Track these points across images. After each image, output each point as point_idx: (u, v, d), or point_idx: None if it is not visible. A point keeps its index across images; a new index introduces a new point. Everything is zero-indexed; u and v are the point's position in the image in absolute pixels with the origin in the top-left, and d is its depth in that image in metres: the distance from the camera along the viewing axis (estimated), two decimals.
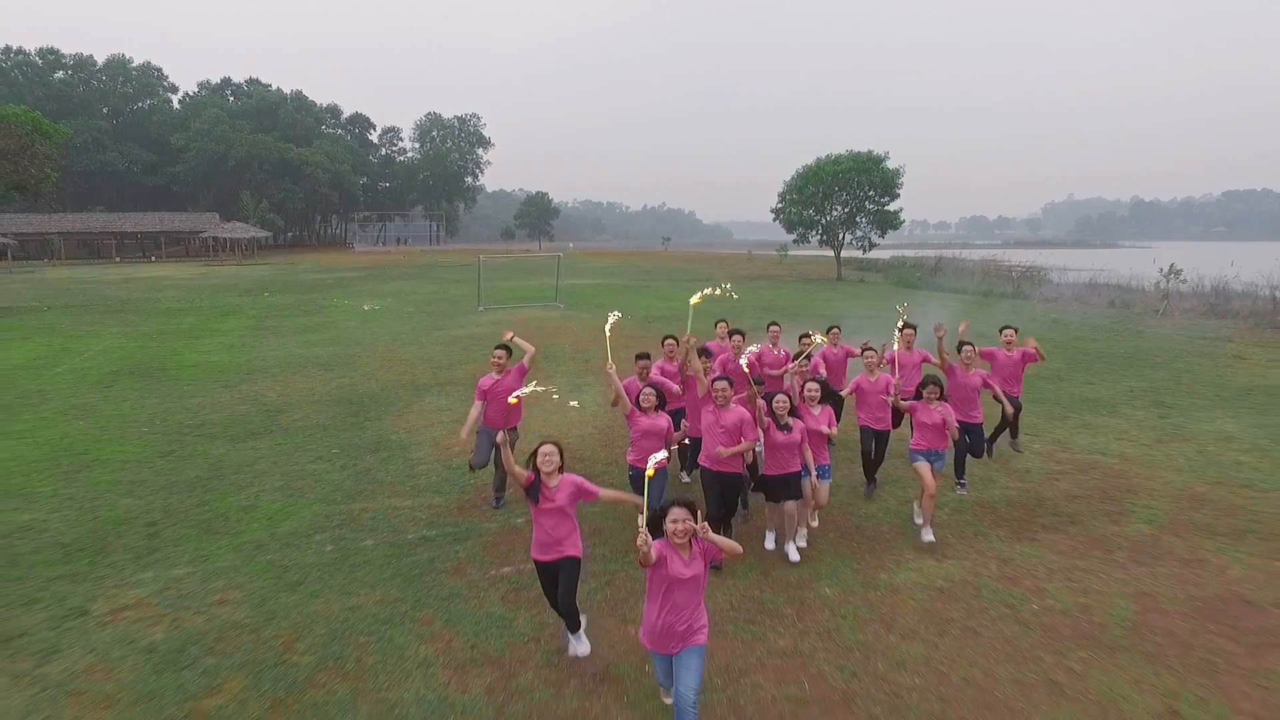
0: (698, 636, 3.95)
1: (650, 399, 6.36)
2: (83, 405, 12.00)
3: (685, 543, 3.90)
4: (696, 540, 3.90)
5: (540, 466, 4.66)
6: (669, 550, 3.88)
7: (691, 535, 3.88)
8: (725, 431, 6.01)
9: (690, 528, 3.87)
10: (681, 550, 3.90)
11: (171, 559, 6.38)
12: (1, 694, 4.52)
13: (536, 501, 4.67)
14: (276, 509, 7.47)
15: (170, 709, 4.37)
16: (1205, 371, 14.61)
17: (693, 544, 3.92)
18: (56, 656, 4.92)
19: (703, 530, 3.85)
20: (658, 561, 3.84)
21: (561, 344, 17.66)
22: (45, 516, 7.33)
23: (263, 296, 31.33)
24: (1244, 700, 4.31)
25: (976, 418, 7.76)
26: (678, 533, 3.86)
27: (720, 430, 6.03)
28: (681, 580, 3.86)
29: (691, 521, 3.88)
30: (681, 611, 3.90)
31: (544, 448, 4.71)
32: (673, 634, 3.91)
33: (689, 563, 3.90)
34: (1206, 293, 29.74)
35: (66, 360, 16.13)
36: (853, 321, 21.56)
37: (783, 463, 6.22)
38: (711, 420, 6.11)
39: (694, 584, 3.92)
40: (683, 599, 3.89)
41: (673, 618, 3.90)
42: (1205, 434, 9.91)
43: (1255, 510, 7.12)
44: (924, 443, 6.65)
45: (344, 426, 10.57)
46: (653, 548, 3.79)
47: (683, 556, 3.89)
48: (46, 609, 5.54)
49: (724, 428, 6.01)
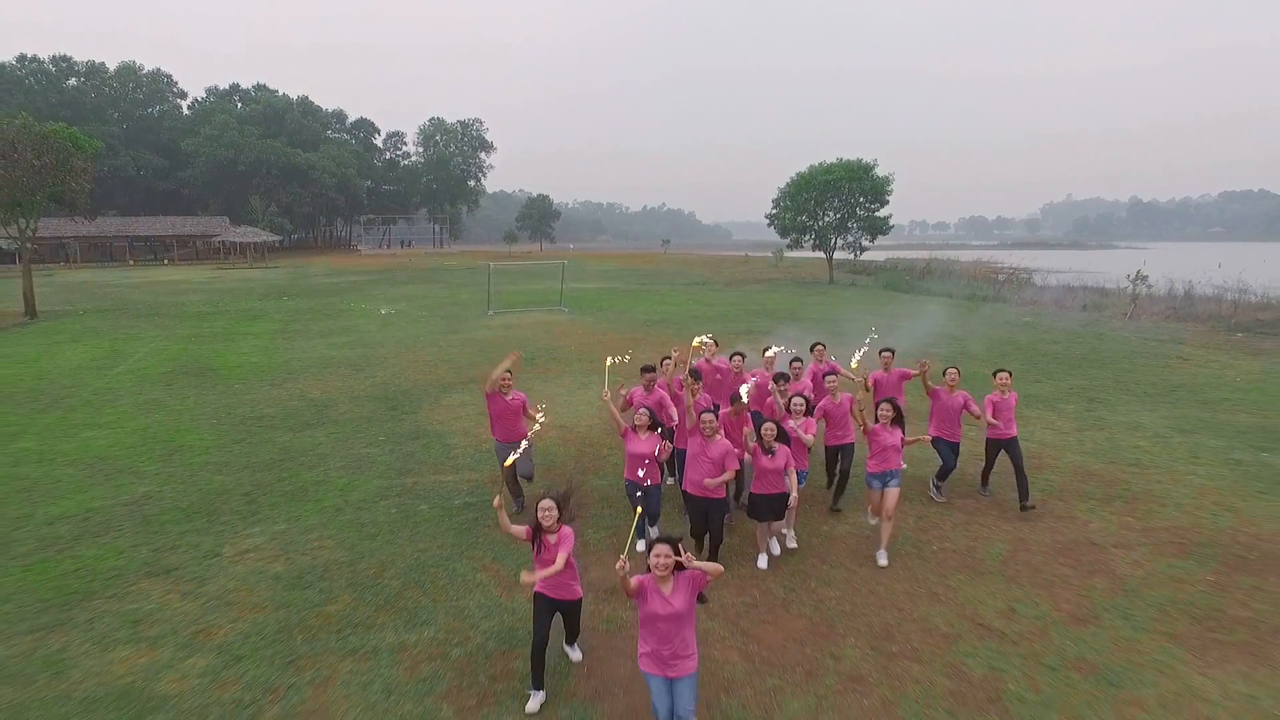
0: (688, 664, 4.22)
1: (644, 419, 6.77)
2: (151, 401, 13.74)
3: (667, 576, 4.15)
4: (681, 573, 4.17)
5: (540, 521, 4.84)
6: (650, 586, 4.17)
7: (674, 568, 4.16)
8: (711, 462, 6.32)
9: (671, 563, 4.14)
10: (663, 584, 4.17)
11: (271, 519, 8.13)
12: (180, 603, 6.28)
13: (538, 553, 4.91)
14: (344, 483, 9.21)
15: (304, 612, 6.12)
16: (1145, 371, 16.33)
17: (676, 577, 4.17)
18: (208, 582, 6.67)
19: (687, 560, 4.13)
20: (641, 595, 4.16)
21: (567, 346, 19.37)
22: (158, 488, 9.08)
23: (282, 300, 33.06)
24: (1065, 604, 6.06)
25: (957, 436, 8.31)
26: (658, 567, 4.13)
27: (706, 460, 6.33)
28: (662, 615, 4.15)
29: (673, 557, 4.14)
30: (668, 641, 4.17)
31: (543, 503, 4.85)
32: (661, 659, 4.20)
33: (670, 598, 4.16)
34: (1171, 297, 31.42)
35: (121, 362, 17.86)
36: (838, 325, 23.28)
37: (769, 484, 6.60)
38: (698, 450, 6.41)
39: (675, 619, 4.15)
40: (667, 631, 4.16)
41: (660, 646, 4.19)
42: (1119, 424, 11.65)
43: (1130, 483, 8.87)
44: (881, 466, 7.03)
45: (385, 419, 12.31)
46: (634, 580, 4.11)
47: (663, 592, 4.16)
48: (187, 553, 7.29)
49: (710, 458, 6.32)
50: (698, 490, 6.44)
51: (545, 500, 4.83)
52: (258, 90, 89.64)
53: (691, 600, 4.21)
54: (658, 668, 4.21)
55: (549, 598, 4.95)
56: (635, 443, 6.74)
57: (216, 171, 75.30)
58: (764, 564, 6.82)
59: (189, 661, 5.42)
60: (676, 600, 4.15)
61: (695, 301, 31.64)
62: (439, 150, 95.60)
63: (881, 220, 43.82)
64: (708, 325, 23.65)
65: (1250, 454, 9.96)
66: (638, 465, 6.53)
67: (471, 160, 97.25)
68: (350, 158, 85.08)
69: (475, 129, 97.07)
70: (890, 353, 9.16)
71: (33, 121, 27.02)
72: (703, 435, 6.37)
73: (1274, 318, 25.74)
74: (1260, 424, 11.55)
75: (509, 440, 7.54)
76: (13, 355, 18.84)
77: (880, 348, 9.17)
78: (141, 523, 8.03)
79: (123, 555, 7.21)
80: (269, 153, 74.61)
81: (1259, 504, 8.13)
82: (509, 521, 4.91)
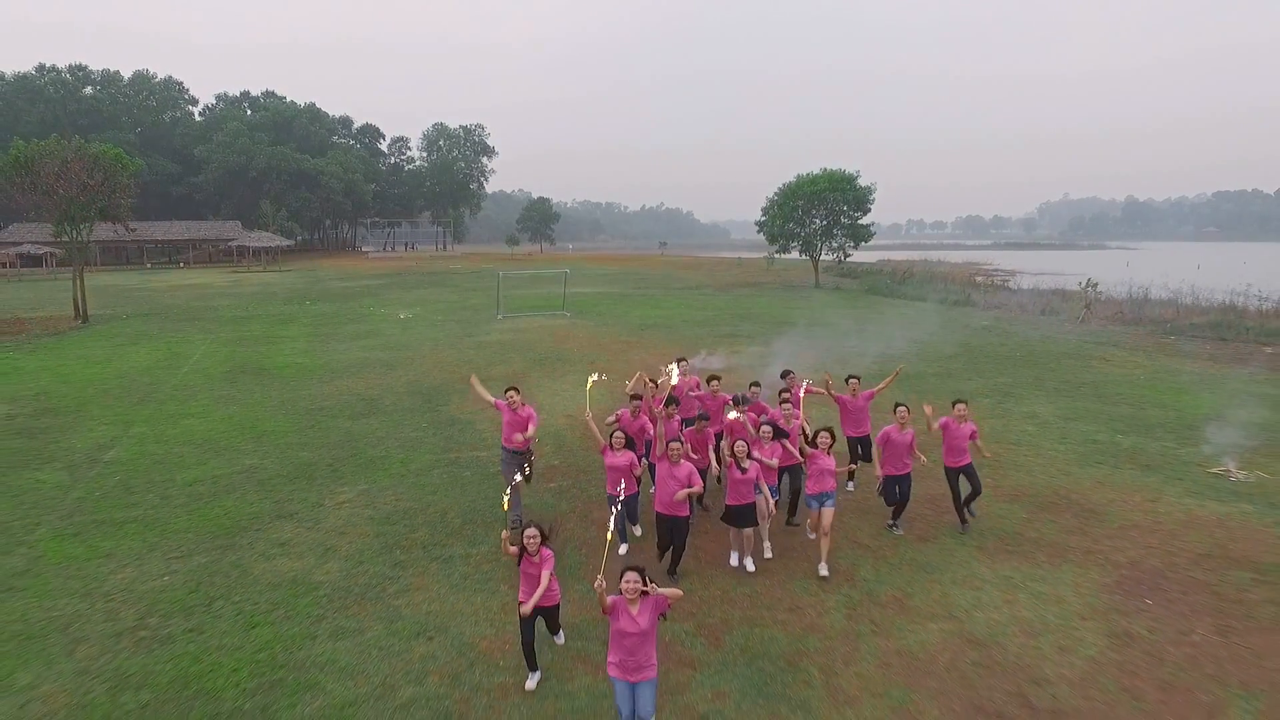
0: (649, 673, 5.05)
1: (619, 440, 7.95)
2: (225, 396, 16.45)
3: (635, 598, 4.96)
4: (647, 597, 4.97)
5: (526, 545, 5.80)
6: (621, 605, 4.97)
7: (641, 593, 4.95)
8: (677, 482, 7.30)
9: (639, 588, 4.93)
10: (631, 605, 4.97)
11: (353, 482, 10.86)
12: (307, 533, 9.01)
13: (524, 567, 5.91)
14: (403, 457, 11.95)
15: (397, 538, 8.83)
16: (1065, 371, 19.03)
17: (642, 600, 4.97)
18: (321, 522, 9.39)
19: (652, 589, 4.94)
20: (614, 613, 4.97)
21: (571, 349, 22.08)
22: (260, 461, 11.82)
23: (305, 305, 35.78)
24: (917, 531, 8.79)
25: (908, 468, 8.72)
26: (628, 591, 4.96)
27: (673, 481, 7.32)
28: (629, 632, 4.96)
29: (641, 584, 4.93)
30: (633, 654, 4.99)
31: (529, 530, 5.80)
32: (626, 668, 5.03)
33: (636, 618, 4.95)
34: (1124, 301, 34.15)
35: (183, 362, 20.55)
36: (812, 330, 25.99)
37: (742, 495, 7.56)
38: (665, 472, 7.38)
39: (640, 635, 4.97)
40: (632, 645, 4.98)
41: (626, 657, 5.01)
42: (1019, 414, 14.39)
43: (1001, 455, 11.55)
44: (818, 487, 7.85)
45: (424, 410, 15.04)
46: (609, 599, 4.94)
47: (631, 612, 4.96)
48: (300, 504, 10.01)
49: (676, 479, 7.32)
50: (666, 509, 7.38)
51: (530, 529, 5.80)
52: (266, 97, 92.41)
53: (654, 619, 5.03)
54: (623, 674, 5.06)
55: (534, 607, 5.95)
56: (612, 457, 7.85)
57: (228, 177, 78.05)
58: (735, 561, 7.98)
59: (327, 565, 8.16)
60: (642, 619, 4.98)
61: (687, 306, 34.38)
62: (442, 155, 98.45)
63: (864, 228, 46.59)
64: (696, 329, 26.39)
65: (1108, 436, 12.72)
66: (615, 478, 7.57)
67: (474, 164, 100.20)
68: (356, 163, 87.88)
69: (477, 134, 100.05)
70: (856, 379, 10.13)
71: (84, 143, 29.75)
72: (670, 460, 7.32)
73: (1206, 321, 28.38)
74: (1133, 414, 14.30)
75: (518, 447, 8.69)
76: (88, 356, 21.56)
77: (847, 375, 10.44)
78: (257, 485, 10.76)
79: (253, 505, 9.94)
80: (279, 159, 77.40)
81: (1088, 470, 10.89)
82: (509, 548, 5.90)
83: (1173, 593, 7.26)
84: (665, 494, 7.36)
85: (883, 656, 6.32)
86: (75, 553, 8.45)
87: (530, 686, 5.95)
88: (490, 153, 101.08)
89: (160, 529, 9.14)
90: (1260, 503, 9.48)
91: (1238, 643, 6.43)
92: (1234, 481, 10.31)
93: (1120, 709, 5.63)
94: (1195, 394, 15.90)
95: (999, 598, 7.24)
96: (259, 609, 7.20)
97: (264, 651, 6.48)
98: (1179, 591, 7.29)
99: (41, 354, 22.15)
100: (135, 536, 8.91)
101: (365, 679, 6.08)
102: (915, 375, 17.95)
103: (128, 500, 10.10)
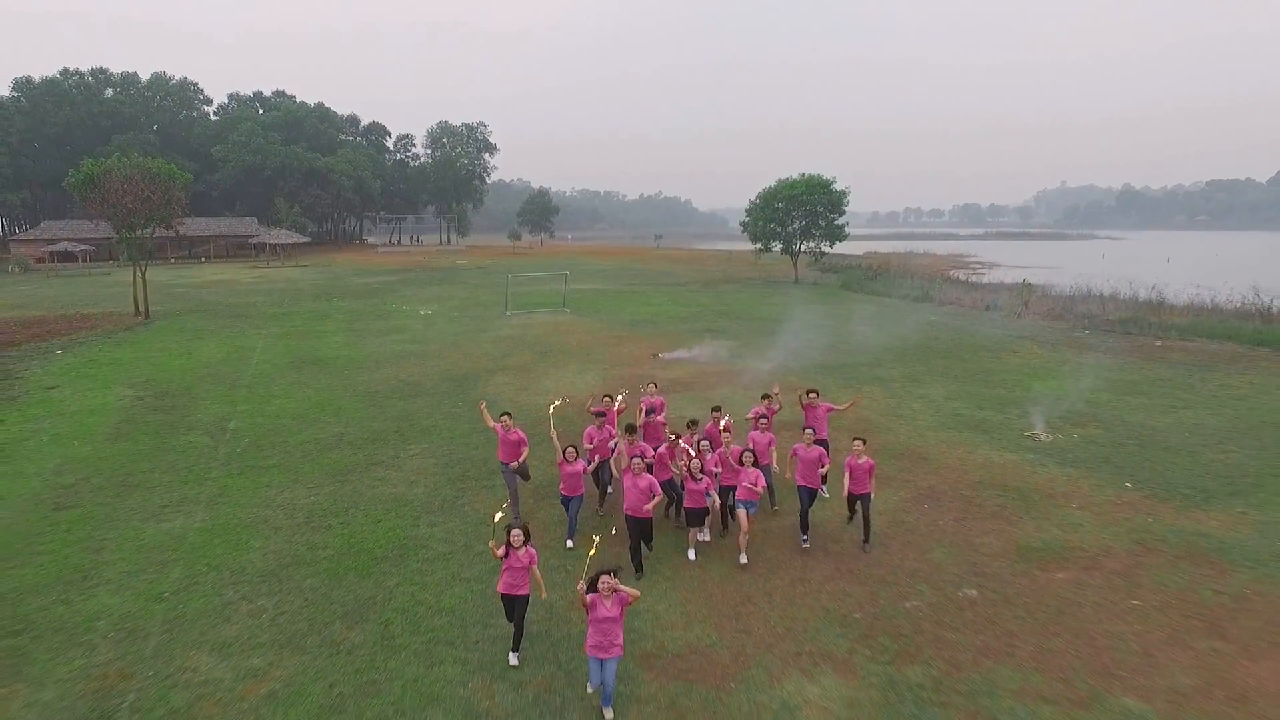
0: (616, 651, 6.60)
1: (573, 454, 9.96)
2: (297, 382, 20.77)
3: (609, 594, 6.57)
4: (617, 593, 6.61)
5: (511, 541, 7.38)
6: (598, 600, 6.56)
7: (614, 590, 6.54)
8: (640, 492, 9.07)
9: (612, 587, 6.55)
10: (605, 599, 6.56)
11: (418, 442, 15.15)
12: (394, 475, 13.39)
13: (509, 561, 7.43)
14: (449, 426, 16.27)
15: (456, 477, 13.16)
16: (975, 361, 23.30)
17: (614, 595, 6.58)
18: (402, 467, 13.72)
19: (620, 588, 6.62)
20: (591, 607, 6.55)
21: (571, 342, 26.38)
22: (345, 429, 16.16)
23: (333, 302, 40.04)
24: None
25: (816, 483, 10.38)
26: (604, 590, 6.55)
27: (637, 490, 9.09)
28: (604, 618, 6.56)
29: (614, 583, 6.57)
30: (607, 635, 6.57)
31: (514, 531, 7.43)
32: (600, 647, 6.58)
33: (610, 608, 6.57)
34: (1059, 297, 38.35)
35: (250, 355, 24.83)
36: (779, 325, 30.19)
37: (696, 501, 9.58)
38: (630, 483, 9.19)
39: (612, 621, 6.57)
40: (606, 629, 6.55)
41: (600, 639, 6.57)
42: (914, 395, 18.73)
43: (880, 424, 15.91)
44: (744, 495, 9.72)
45: (457, 392, 19.35)
46: (588, 597, 6.57)
47: (606, 604, 6.56)
48: (384, 457, 14.32)
49: (639, 489, 9.08)
50: (633, 512, 9.19)
51: (516, 531, 7.47)
52: (276, 96, 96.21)
53: (622, 610, 6.62)
54: (597, 652, 6.59)
55: (511, 595, 7.55)
56: (566, 467, 10.04)
57: (244, 175, 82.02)
58: (693, 556, 9.81)
59: (414, 490, 12.50)
60: (613, 610, 6.57)
61: (674, 303, 38.66)
62: (445, 152, 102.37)
63: (839, 228, 50.77)
64: (679, 325, 30.67)
65: (969, 410, 17.07)
66: (569, 482, 9.98)
67: (476, 161, 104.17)
68: (364, 160, 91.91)
69: (480, 132, 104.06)
70: (815, 393, 12.07)
71: (141, 159, 33.89)
72: (633, 473, 9.23)
73: (1123, 317, 32.49)
74: (1002, 395, 18.59)
75: (509, 461, 10.83)
76: (168, 349, 25.87)
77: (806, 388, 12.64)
78: (348, 444, 15.11)
79: (351, 457, 14.27)
80: (293, 158, 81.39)
81: (939, 434, 15.25)
82: (496, 550, 7.59)
83: (943, 502, 11.64)
84: (631, 500, 9.15)
85: (768, 582, 10.69)
86: (246, 484, 12.83)
87: (514, 662, 7.49)
88: (492, 149, 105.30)
89: (294, 471, 13.51)
90: (1040, 453, 13.86)
91: (963, 524, 10.81)
92: (1036, 441, 14.68)
93: (893, 549, 9.98)
94: (1059, 379, 20.22)
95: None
96: (378, 513, 11.58)
97: (389, 533, 10.86)
98: (948, 501, 11.67)
99: (126, 348, 26.44)
100: (280, 475, 13.29)
101: (452, 543, 10.46)
102: (849, 365, 22.30)
103: (262, 454, 14.47)
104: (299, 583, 9.35)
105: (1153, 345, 26.65)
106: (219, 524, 11.16)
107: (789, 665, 7.47)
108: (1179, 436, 14.78)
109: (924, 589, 8.99)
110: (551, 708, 6.86)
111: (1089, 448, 14.17)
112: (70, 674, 7.47)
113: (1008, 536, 10.34)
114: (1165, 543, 10.01)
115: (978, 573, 9.36)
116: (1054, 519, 10.88)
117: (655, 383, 13.21)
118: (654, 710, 6.78)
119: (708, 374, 20.96)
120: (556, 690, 7.10)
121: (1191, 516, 10.86)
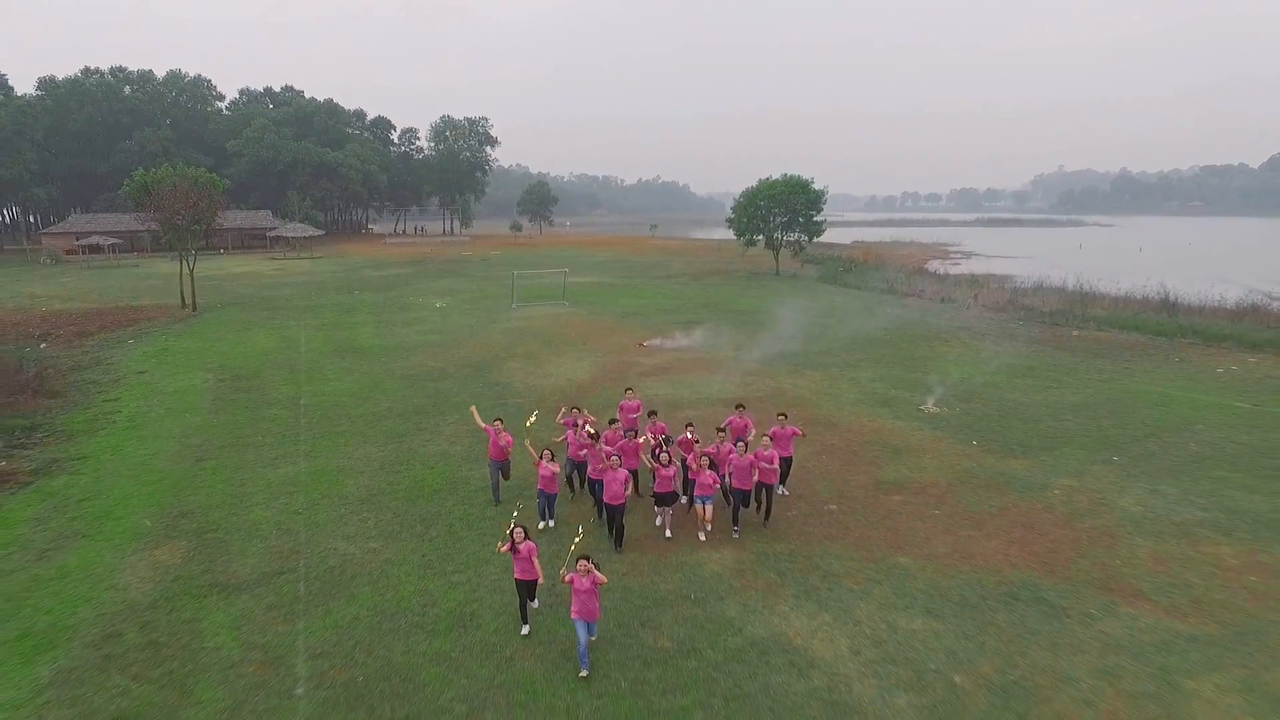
0: (594, 614, 8.78)
1: (548, 454, 12.09)
2: (344, 368, 25.20)
3: (585, 574, 8.61)
4: (590, 573, 8.61)
5: (514, 538, 9.30)
6: (577, 579, 8.65)
7: (588, 571, 8.59)
8: (618, 482, 11.35)
9: (589, 569, 8.61)
10: (583, 578, 8.61)
11: (451, 415, 19.55)
12: (435, 438, 17.89)
13: (514, 553, 9.35)
14: (476, 401, 20.52)
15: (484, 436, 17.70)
16: (910, 349, 27.67)
17: (589, 575, 8.59)
18: (443, 432, 18.21)
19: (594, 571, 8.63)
20: (572, 583, 8.66)
21: (570, 333, 30.78)
22: (394, 404, 20.58)
23: (354, 295, 44.37)
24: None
25: (747, 486, 12.20)
26: (581, 570, 8.64)
27: (615, 482, 11.37)
28: (583, 590, 8.63)
29: (589, 566, 8.64)
30: (586, 604, 8.66)
31: (516, 530, 9.32)
32: (583, 613, 8.69)
33: (586, 585, 8.60)
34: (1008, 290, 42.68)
35: (296, 345, 29.20)
36: (754, 316, 34.42)
37: (664, 485, 11.80)
38: (610, 478, 11.42)
39: (589, 593, 8.63)
40: (586, 599, 8.65)
41: (581, 607, 8.67)
42: (847, 378, 23.15)
43: (808, 400, 20.34)
44: (701, 491, 11.68)
45: (476, 376, 23.78)
46: (568, 578, 8.67)
47: (583, 581, 8.60)
48: (426, 424, 18.76)
49: (617, 480, 11.37)
50: (611, 500, 11.42)
51: (517, 529, 9.35)
52: (285, 91, 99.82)
53: (595, 587, 8.70)
54: (582, 616, 8.73)
55: (524, 581, 9.46)
56: (543, 469, 12.09)
57: (258, 169, 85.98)
58: (669, 534, 12.10)
59: (454, 448, 16.93)
60: (589, 585, 8.68)
61: (661, 295, 43.05)
62: (448, 145, 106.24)
63: (817, 225, 55.08)
64: (664, 316, 35.04)
65: (886, 390, 21.51)
66: (545, 482, 12.18)
67: (478, 154, 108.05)
68: (371, 154, 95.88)
69: (482, 126, 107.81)
70: (784, 416, 13.95)
71: (186, 168, 38.12)
72: (610, 468, 11.44)
73: (1055, 309, 36.75)
74: (919, 378, 22.98)
75: (498, 459, 13.48)
76: (223, 339, 30.27)
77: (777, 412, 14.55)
78: (398, 416, 19.54)
79: (402, 425, 18.63)
80: (304, 153, 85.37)
81: (854, 408, 19.69)
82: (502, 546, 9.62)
83: (836, 454, 16.10)
84: (610, 491, 11.44)
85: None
86: (328, 444, 17.30)
87: (524, 632, 9.49)
88: (494, 143, 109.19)
89: (361, 435, 17.97)
90: (923, 421, 18.35)
91: (845, 468, 15.30)
92: (925, 413, 19.15)
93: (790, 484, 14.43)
94: (970, 365, 24.68)
95: None
96: (431, 462, 16.05)
97: (441, 475, 15.31)
98: (839, 454, 16.11)
99: (189, 338, 30.85)
100: (351, 438, 17.75)
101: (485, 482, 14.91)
102: (802, 352, 26.69)
103: (333, 424, 18.92)
104: (387, 504, 13.85)
105: (1070, 335, 30.97)
106: (319, 469, 15.65)
107: (702, 547, 11.98)
108: (1034, 410, 19.29)
109: (801, 504, 13.52)
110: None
111: (962, 418, 18.67)
112: (259, 551, 11.98)
113: (871, 474, 14.87)
114: (975, 478, 14.55)
115: (842, 496, 13.89)
116: (909, 464, 15.41)
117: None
118: (621, 562, 11.28)
119: (684, 360, 25.40)
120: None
121: (1005, 462, 15.40)
